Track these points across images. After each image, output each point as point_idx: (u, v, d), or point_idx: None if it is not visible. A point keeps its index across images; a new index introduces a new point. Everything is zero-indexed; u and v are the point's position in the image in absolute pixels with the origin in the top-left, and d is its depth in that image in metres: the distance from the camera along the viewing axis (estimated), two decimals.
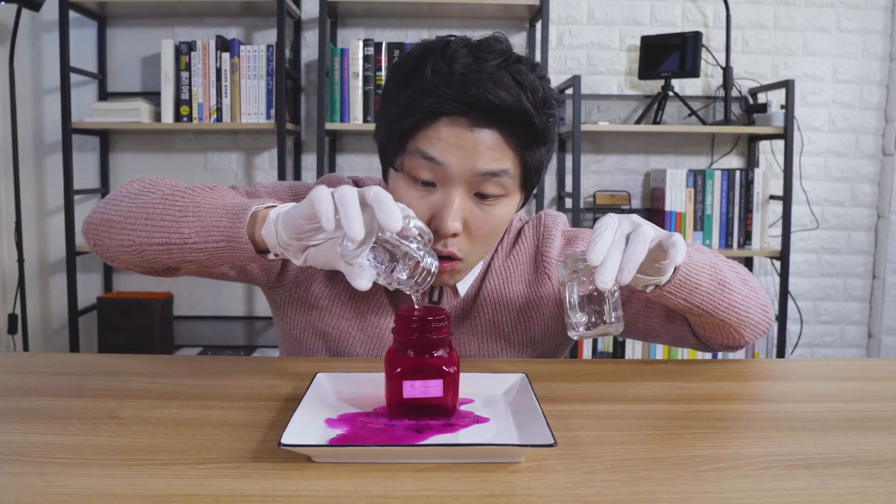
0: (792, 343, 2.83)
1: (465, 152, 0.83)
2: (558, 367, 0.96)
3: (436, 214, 0.86)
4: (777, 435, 0.70)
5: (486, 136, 0.84)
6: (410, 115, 0.84)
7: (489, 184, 0.86)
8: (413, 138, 0.85)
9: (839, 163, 2.82)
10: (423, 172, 0.85)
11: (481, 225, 0.88)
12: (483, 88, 0.81)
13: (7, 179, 2.68)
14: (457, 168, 0.84)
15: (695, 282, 0.86)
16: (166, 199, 0.84)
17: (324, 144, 2.49)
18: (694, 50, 2.53)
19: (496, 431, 0.69)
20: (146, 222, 0.83)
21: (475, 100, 0.82)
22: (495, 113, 0.83)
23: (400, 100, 0.86)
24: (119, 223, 0.86)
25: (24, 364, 0.94)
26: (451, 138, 0.83)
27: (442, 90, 0.82)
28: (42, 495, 0.55)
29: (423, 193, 0.87)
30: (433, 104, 0.83)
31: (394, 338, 0.73)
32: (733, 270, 0.95)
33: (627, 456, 0.64)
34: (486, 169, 0.84)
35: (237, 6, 2.58)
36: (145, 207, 0.85)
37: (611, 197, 2.70)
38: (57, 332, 2.78)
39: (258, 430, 0.69)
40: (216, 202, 0.81)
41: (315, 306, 1.01)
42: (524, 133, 0.85)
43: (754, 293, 0.96)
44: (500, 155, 0.85)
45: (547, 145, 0.90)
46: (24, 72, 2.64)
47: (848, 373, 0.97)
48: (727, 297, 0.91)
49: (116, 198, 0.90)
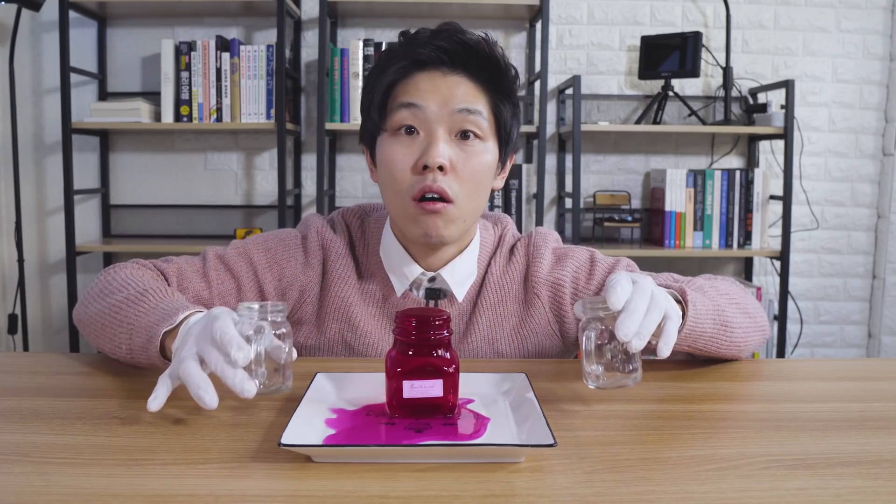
0: (792, 343, 2.83)
1: (441, 96, 0.93)
2: (558, 367, 0.96)
3: (422, 155, 0.93)
4: (777, 435, 0.70)
5: (459, 80, 0.94)
6: (389, 71, 0.95)
7: (467, 122, 0.94)
8: (393, 95, 0.96)
9: (839, 163, 2.82)
10: (406, 119, 0.94)
11: (465, 165, 0.94)
12: (451, 33, 0.94)
13: (7, 179, 2.68)
14: (435, 109, 0.93)
15: (699, 330, 0.88)
16: (112, 310, 0.90)
17: (324, 144, 2.49)
18: (694, 50, 2.53)
19: (496, 431, 0.69)
20: (101, 331, 0.90)
21: (447, 43, 0.93)
22: (464, 55, 0.94)
23: (378, 68, 0.97)
24: (89, 325, 0.94)
25: (24, 364, 0.94)
26: (428, 85, 0.94)
27: (415, 43, 0.95)
28: (42, 495, 0.55)
29: (409, 141, 0.94)
30: (407, 52, 0.95)
31: (394, 338, 0.73)
32: (733, 303, 0.96)
33: (627, 456, 0.64)
34: (461, 106, 0.93)
35: (237, 6, 2.58)
36: (99, 316, 0.91)
37: (611, 197, 2.70)
38: (57, 332, 2.78)
39: (258, 430, 0.69)
40: (140, 321, 0.84)
41: (305, 346, 1.06)
42: (492, 77, 0.96)
43: (752, 319, 0.97)
44: (473, 98, 0.95)
45: (511, 102, 0.99)
46: (24, 72, 2.64)
47: (848, 373, 0.97)
48: (729, 336, 0.92)
49: (89, 296, 0.97)
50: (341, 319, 1.03)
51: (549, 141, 2.75)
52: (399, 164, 0.94)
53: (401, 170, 0.93)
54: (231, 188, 2.76)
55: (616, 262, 1.06)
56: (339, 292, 1.03)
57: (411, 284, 1.02)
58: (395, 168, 0.94)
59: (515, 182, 2.55)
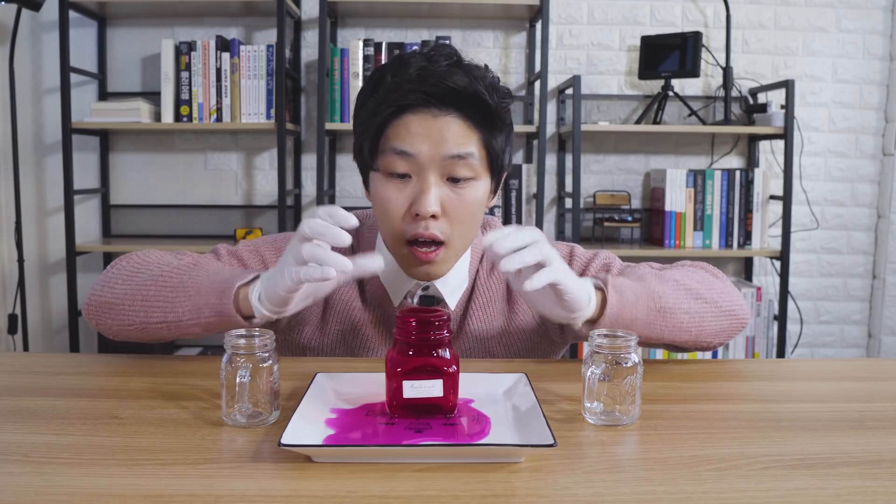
0: (792, 343, 2.83)
1: (432, 140, 0.91)
2: (558, 367, 0.96)
3: (414, 202, 0.92)
4: (777, 435, 0.70)
5: (449, 122, 0.92)
6: (379, 115, 0.93)
7: (458, 167, 0.92)
8: (384, 137, 0.94)
9: (839, 163, 2.82)
10: (398, 166, 0.93)
11: (457, 208, 0.94)
12: (439, 78, 0.91)
13: (7, 179, 2.68)
14: (427, 155, 0.91)
15: (629, 317, 0.88)
16: (157, 281, 0.92)
17: (324, 144, 2.49)
18: (694, 50, 2.53)
19: (496, 431, 0.69)
20: (142, 304, 0.91)
21: (434, 88, 0.91)
22: (453, 98, 0.92)
23: (368, 107, 0.95)
24: (118, 305, 0.94)
25: (24, 364, 0.94)
26: (419, 129, 0.92)
27: (404, 87, 0.92)
28: (42, 495, 0.55)
29: (401, 186, 0.94)
30: (397, 98, 0.92)
31: (394, 338, 0.73)
32: (682, 289, 0.95)
33: (627, 456, 0.64)
34: (453, 152, 0.92)
35: (237, 6, 2.58)
36: (139, 289, 0.92)
37: (611, 197, 2.70)
38: (57, 332, 2.78)
39: (258, 430, 0.69)
40: (202, 281, 0.89)
41: (308, 347, 1.06)
42: (482, 116, 0.94)
43: (711, 305, 0.96)
44: (465, 139, 0.93)
45: (504, 131, 0.98)
46: (24, 72, 2.64)
47: (848, 373, 0.97)
48: (671, 321, 0.92)
49: (110, 280, 0.96)
50: (343, 322, 1.03)
51: (549, 141, 2.75)
52: (392, 207, 0.94)
53: (394, 213, 0.94)
54: (231, 188, 2.76)
55: (595, 254, 1.07)
56: (343, 294, 1.04)
57: (406, 294, 1.03)
58: (388, 210, 0.94)
59: (515, 182, 2.55)
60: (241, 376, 0.69)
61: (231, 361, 0.70)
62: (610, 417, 0.73)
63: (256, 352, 0.71)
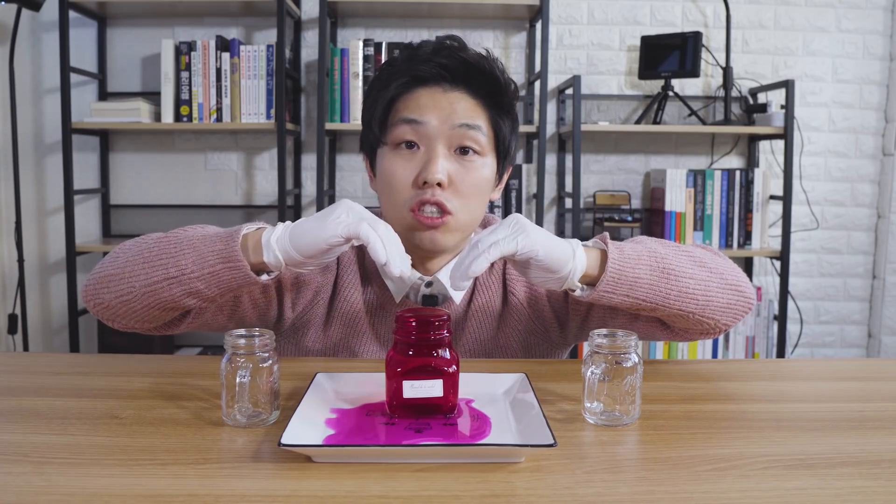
0: (792, 343, 2.83)
1: (441, 111, 0.95)
2: (558, 367, 0.96)
3: (422, 170, 0.94)
4: (777, 435, 0.70)
5: (459, 97, 0.96)
6: (391, 86, 0.97)
7: (466, 138, 0.95)
8: (394, 109, 0.97)
9: (839, 163, 2.82)
10: (406, 133, 0.95)
11: (464, 180, 0.95)
12: (452, 51, 0.96)
13: (7, 179, 2.68)
14: (435, 124, 0.95)
15: (632, 276, 0.85)
16: (160, 241, 0.90)
17: (324, 144, 2.49)
18: (694, 50, 2.53)
19: (496, 431, 0.69)
20: (143, 266, 0.88)
21: (448, 60, 0.95)
22: (464, 72, 0.96)
23: (381, 78, 0.99)
24: (117, 275, 0.90)
25: (24, 364, 0.94)
26: (429, 101, 0.95)
27: (416, 60, 0.96)
28: (42, 495, 0.55)
29: (409, 155, 0.96)
30: (409, 69, 0.96)
31: (394, 338, 0.73)
32: (686, 255, 0.91)
33: (627, 456, 0.64)
34: (461, 122, 0.95)
35: (237, 6, 2.58)
36: (141, 254, 0.90)
37: (611, 197, 2.70)
38: (57, 332, 2.78)
39: (258, 430, 0.69)
40: (208, 232, 0.88)
41: (311, 350, 1.05)
42: (491, 93, 0.97)
43: (716, 274, 0.91)
44: (473, 113, 0.96)
45: (511, 116, 1.00)
46: (24, 72, 2.64)
47: (848, 373, 0.97)
48: (676, 284, 0.87)
49: (112, 256, 0.95)
50: (347, 324, 1.03)
51: (549, 141, 2.75)
52: (399, 177, 0.95)
53: (401, 183, 0.95)
54: (231, 188, 2.76)
55: None
56: (348, 297, 1.04)
57: (409, 290, 1.03)
58: (395, 181, 0.95)
59: (515, 182, 2.55)
60: (241, 376, 0.69)
61: (231, 361, 0.70)
62: (610, 417, 0.73)
63: (256, 352, 0.71)
